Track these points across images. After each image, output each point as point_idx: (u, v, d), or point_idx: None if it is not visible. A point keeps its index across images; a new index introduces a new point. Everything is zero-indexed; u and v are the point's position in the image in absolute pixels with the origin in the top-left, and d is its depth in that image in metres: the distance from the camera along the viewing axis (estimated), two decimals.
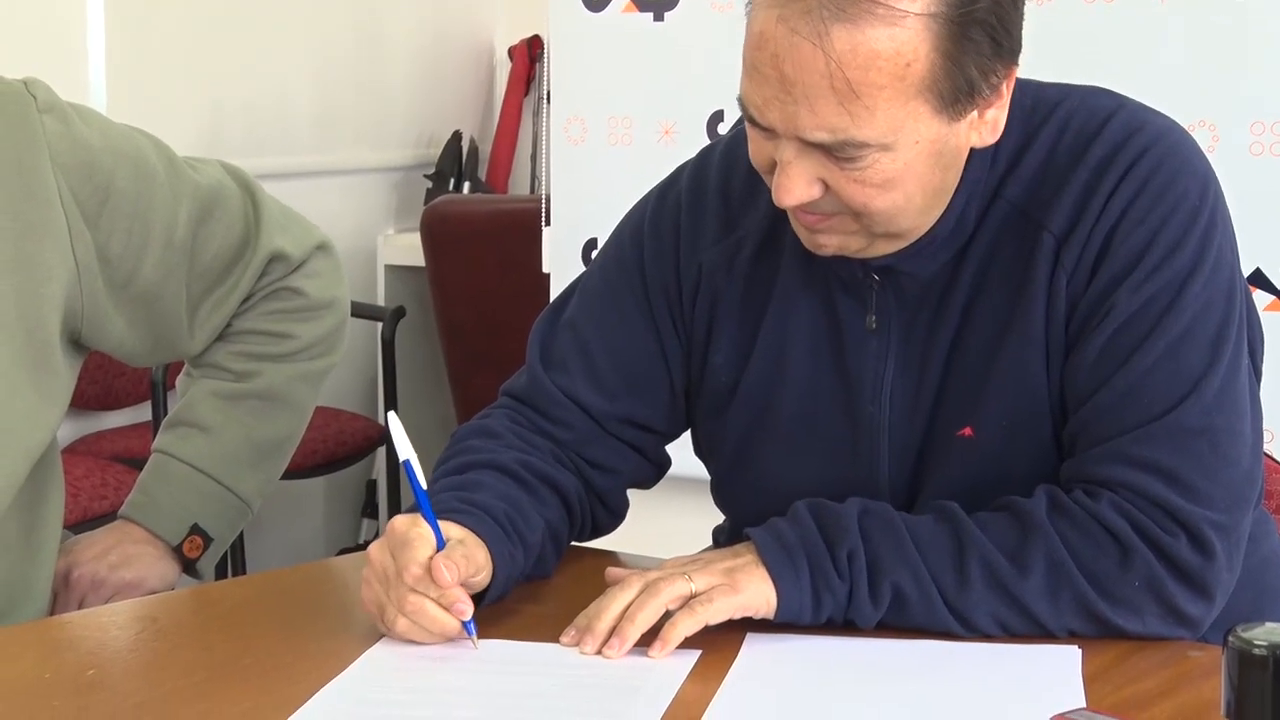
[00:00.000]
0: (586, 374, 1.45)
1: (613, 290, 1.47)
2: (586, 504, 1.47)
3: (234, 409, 1.66)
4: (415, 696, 1.15)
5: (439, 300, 3.73)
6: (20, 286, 1.45)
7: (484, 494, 1.36)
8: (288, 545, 3.92)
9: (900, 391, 1.36)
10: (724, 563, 1.27)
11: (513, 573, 1.34)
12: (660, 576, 1.26)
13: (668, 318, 1.45)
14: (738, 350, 1.42)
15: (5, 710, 1.14)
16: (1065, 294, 1.30)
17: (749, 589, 1.25)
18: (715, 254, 1.43)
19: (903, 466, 1.37)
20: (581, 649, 1.24)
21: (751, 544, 1.28)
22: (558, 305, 1.51)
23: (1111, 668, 1.21)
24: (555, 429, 1.46)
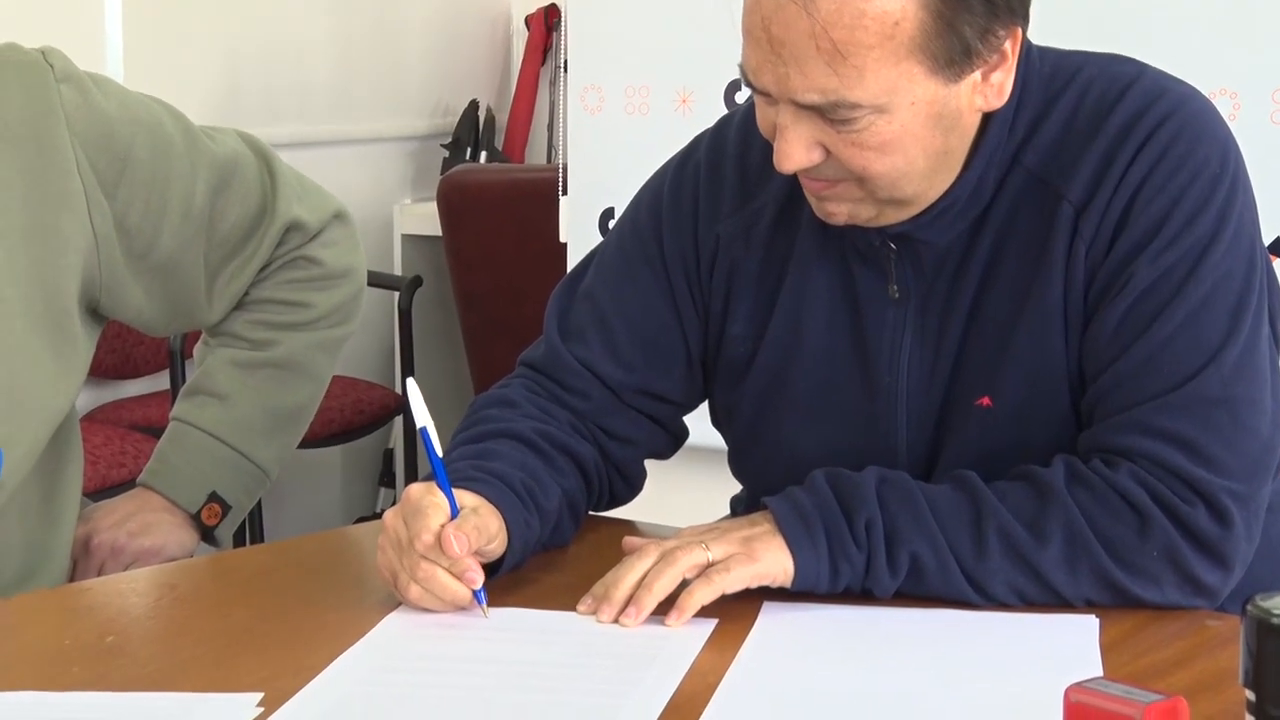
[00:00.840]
0: (604, 345, 1.45)
1: (630, 261, 1.47)
2: (604, 473, 1.47)
3: (251, 377, 1.66)
4: (431, 664, 1.16)
5: (456, 270, 3.73)
6: (39, 256, 1.46)
7: (501, 463, 1.36)
8: (305, 514, 3.93)
9: (918, 361, 1.36)
10: (741, 532, 1.27)
11: (529, 541, 1.34)
12: (677, 545, 1.26)
13: (685, 288, 1.45)
14: (755, 321, 1.42)
15: (25, 675, 1.15)
16: (1084, 263, 1.30)
17: (766, 558, 1.25)
18: (733, 224, 1.43)
19: (920, 436, 1.37)
20: (598, 617, 1.24)
21: (769, 513, 1.28)
22: (575, 275, 1.51)
23: (1129, 637, 1.21)
24: (572, 399, 1.46)
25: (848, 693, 1.11)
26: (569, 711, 1.07)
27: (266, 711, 1.07)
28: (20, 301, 1.45)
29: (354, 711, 1.07)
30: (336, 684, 1.12)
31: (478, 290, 3.69)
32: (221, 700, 1.09)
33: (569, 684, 1.11)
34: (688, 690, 1.11)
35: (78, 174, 1.46)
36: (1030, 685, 1.10)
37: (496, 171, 3.95)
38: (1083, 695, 0.95)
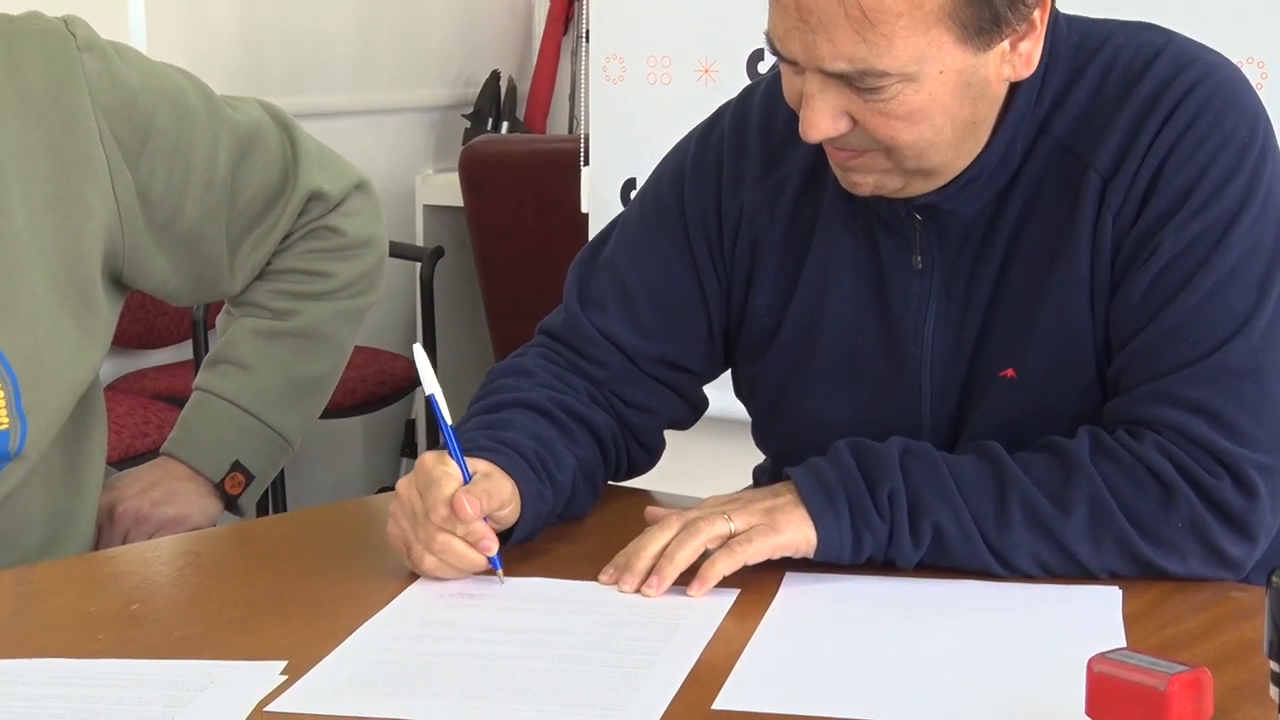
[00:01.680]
0: (624, 314, 1.45)
1: (652, 231, 1.46)
2: (621, 443, 1.46)
3: (273, 347, 1.67)
4: (454, 633, 1.16)
5: (477, 240, 3.72)
6: (62, 225, 1.46)
7: (513, 432, 1.36)
8: (327, 484, 3.94)
9: (942, 332, 1.35)
10: (764, 502, 1.27)
11: (541, 510, 1.34)
12: (700, 516, 1.26)
13: (708, 258, 1.44)
14: (779, 292, 1.42)
15: (51, 642, 1.15)
16: (1111, 233, 1.29)
17: (789, 529, 1.25)
18: (757, 194, 1.42)
19: (944, 407, 1.36)
20: (620, 587, 1.24)
21: (791, 484, 1.28)
22: (596, 244, 1.51)
23: (1152, 608, 1.21)
24: (591, 368, 1.45)
25: (870, 662, 1.11)
26: (591, 681, 1.07)
27: (290, 679, 1.08)
28: (44, 270, 1.45)
29: (377, 679, 1.08)
30: (359, 652, 1.12)
31: (499, 260, 3.68)
32: (246, 668, 1.09)
33: (591, 654, 1.12)
34: (710, 660, 1.11)
35: (100, 143, 1.46)
36: (1053, 656, 1.10)
37: (518, 142, 3.94)
38: (1106, 666, 0.94)
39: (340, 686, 1.07)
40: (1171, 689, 0.92)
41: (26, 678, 1.07)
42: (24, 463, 1.47)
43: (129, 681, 1.06)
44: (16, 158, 1.43)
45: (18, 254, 1.43)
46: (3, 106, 1.42)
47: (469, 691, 1.06)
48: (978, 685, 1.06)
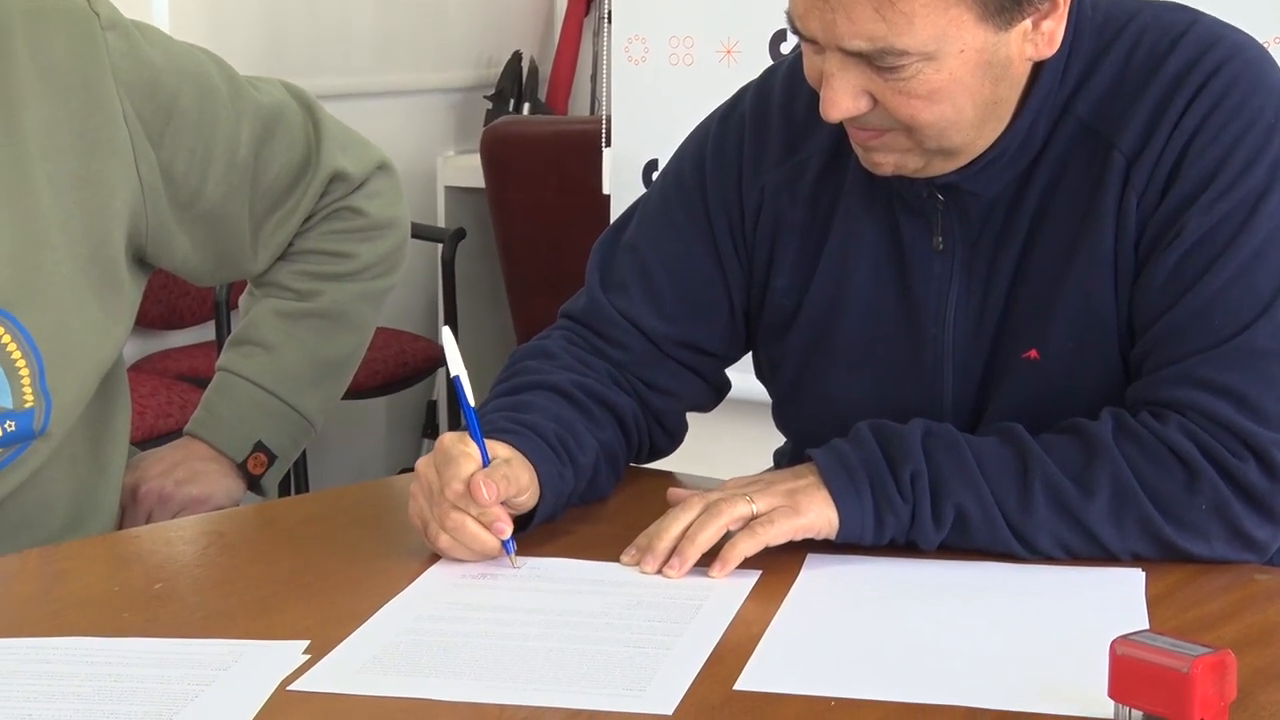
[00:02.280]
0: (646, 296, 1.45)
1: (673, 213, 1.46)
2: (643, 425, 1.46)
3: (296, 328, 1.67)
4: (475, 614, 1.16)
5: (499, 221, 3.72)
6: (86, 203, 1.46)
7: (535, 414, 1.36)
8: (349, 465, 3.96)
9: (964, 313, 1.35)
10: (786, 484, 1.27)
11: (563, 491, 1.34)
12: (722, 498, 1.26)
13: (729, 240, 1.44)
14: (800, 273, 1.41)
15: (75, 620, 1.16)
16: (1135, 214, 1.29)
17: (811, 511, 1.25)
18: (778, 175, 1.42)
19: (966, 388, 1.36)
20: (642, 568, 1.24)
21: (813, 465, 1.28)
22: (618, 227, 1.51)
23: (1176, 590, 1.20)
24: (613, 350, 1.45)
25: (892, 644, 1.11)
26: (613, 661, 1.07)
27: (313, 658, 1.08)
28: (68, 248, 1.46)
29: (398, 660, 1.08)
30: (381, 632, 1.13)
31: (521, 242, 3.68)
32: (268, 647, 1.10)
33: (612, 634, 1.12)
34: (731, 641, 1.11)
35: (124, 122, 1.47)
36: (1076, 638, 1.10)
37: (540, 123, 3.94)
38: (1129, 648, 0.94)
39: (362, 666, 1.07)
40: (1195, 671, 0.91)
41: (51, 656, 1.07)
42: (49, 442, 1.47)
43: (152, 660, 1.07)
44: (41, 137, 1.44)
45: (43, 232, 1.44)
46: (27, 85, 1.43)
47: (490, 672, 1.06)
48: (1000, 667, 1.06)
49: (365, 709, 1.01)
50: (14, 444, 1.45)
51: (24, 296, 1.43)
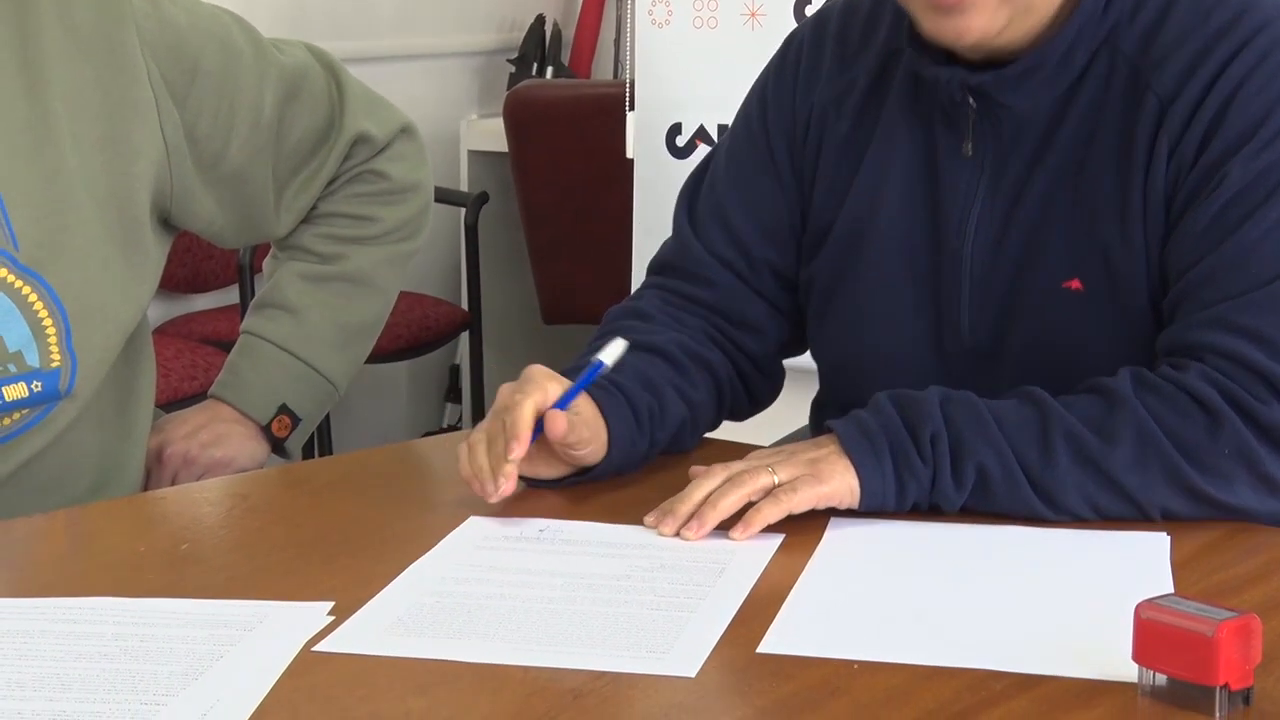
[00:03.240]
0: (724, 230, 1.50)
1: (741, 147, 1.52)
2: (736, 382, 1.50)
3: (320, 291, 1.67)
4: (499, 575, 1.17)
5: (522, 186, 3.72)
6: (111, 164, 1.47)
7: (630, 378, 1.37)
8: (372, 429, 3.97)
9: (985, 226, 1.37)
10: (807, 454, 1.28)
11: (631, 458, 1.36)
12: (745, 469, 1.26)
13: (787, 160, 1.49)
14: (838, 185, 1.45)
15: (102, 581, 1.17)
16: (1166, 159, 1.30)
17: (833, 479, 1.25)
18: (828, 91, 1.47)
19: (985, 302, 1.38)
20: (660, 530, 1.24)
21: (833, 435, 1.28)
22: (699, 170, 1.56)
23: (1201, 555, 1.20)
24: (702, 290, 1.49)
25: (915, 607, 1.11)
26: (636, 623, 1.07)
27: (337, 620, 1.09)
28: (94, 208, 1.46)
29: (421, 621, 1.09)
30: (405, 594, 1.13)
31: (544, 206, 3.68)
32: (293, 608, 1.10)
33: (636, 596, 1.12)
34: (755, 604, 1.11)
35: (148, 83, 1.47)
36: (1101, 602, 1.10)
37: (563, 87, 3.92)
38: (1154, 612, 0.94)
39: (386, 628, 1.08)
40: (1220, 635, 0.91)
41: (78, 616, 1.08)
42: (74, 402, 1.48)
43: (178, 621, 1.07)
44: (67, 97, 1.44)
45: (69, 192, 1.44)
46: (53, 46, 1.43)
47: (513, 633, 1.06)
48: (1025, 630, 1.06)
49: (389, 670, 1.01)
50: (40, 404, 1.46)
51: (51, 256, 1.43)
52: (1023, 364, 1.36)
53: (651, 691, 0.98)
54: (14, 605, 1.11)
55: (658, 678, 1.00)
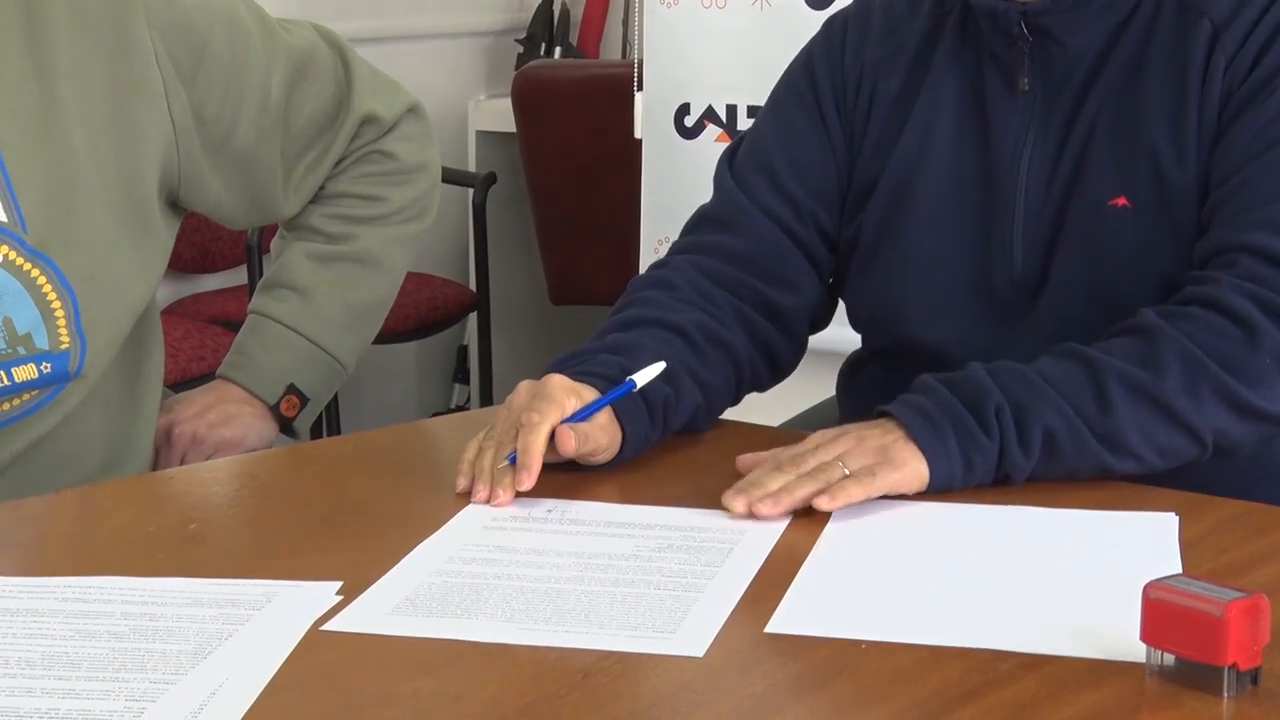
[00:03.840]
0: (769, 180, 1.51)
1: (786, 109, 1.54)
2: (757, 360, 1.50)
3: (328, 271, 1.67)
4: (506, 555, 1.17)
5: (530, 166, 3.72)
6: (119, 145, 1.47)
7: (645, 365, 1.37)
8: (380, 410, 3.97)
9: (1038, 159, 1.40)
10: (874, 441, 1.26)
11: (642, 448, 1.36)
12: (817, 467, 1.24)
13: (836, 119, 1.51)
14: (887, 136, 1.48)
15: (111, 560, 1.17)
16: (1221, 80, 1.34)
17: (905, 466, 1.25)
18: (878, 51, 1.50)
19: (1037, 234, 1.40)
20: (733, 506, 1.22)
21: (894, 421, 1.28)
22: (739, 139, 1.58)
23: (1210, 535, 1.20)
24: (740, 241, 1.50)
25: (924, 587, 1.11)
26: (643, 604, 1.07)
27: (345, 599, 1.09)
28: (102, 189, 1.46)
29: (429, 602, 1.09)
30: (412, 575, 1.13)
31: (552, 186, 3.68)
32: (302, 587, 1.10)
33: (643, 576, 1.12)
34: (763, 584, 1.11)
35: (156, 64, 1.47)
36: (1109, 582, 1.10)
37: (571, 67, 3.92)
38: (1162, 592, 0.94)
39: (394, 608, 1.08)
40: (1228, 615, 0.91)
41: (87, 595, 1.08)
42: (84, 383, 1.48)
43: (187, 600, 1.07)
44: (74, 79, 1.44)
45: (77, 174, 1.44)
46: (60, 27, 1.43)
47: (520, 614, 1.06)
48: (1032, 610, 1.06)
49: (397, 650, 1.02)
50: (50, 385, 1.46)
51: (59, 238, 1.43)
52: (1068, 291, 1.39)
53: (660, 671, 0.99)
54: (23, 584, 1.11)
55: (666, 658, 1.00)
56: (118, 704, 0.92)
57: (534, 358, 4.18)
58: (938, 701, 0.93)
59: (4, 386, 1.43)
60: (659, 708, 0.94)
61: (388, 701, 0.94)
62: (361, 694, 0.95)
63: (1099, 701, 0.93)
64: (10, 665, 0.97)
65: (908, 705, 0.93)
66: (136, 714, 0.90)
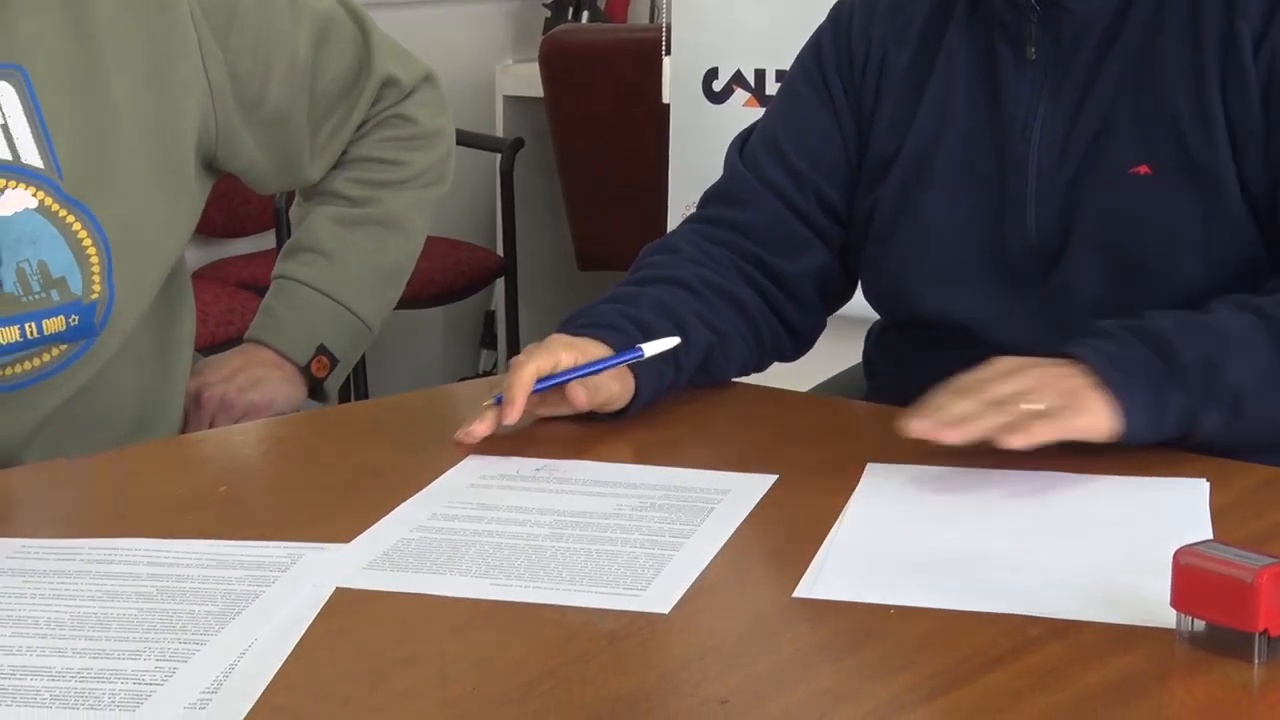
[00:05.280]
0: (775, 157, 1.52)
1: (796, 89, 1.56)
2: (773, 319, 1.50)
3: (353, 234, 1.67)
4: (488, 513, 1.17)
5: (557, 131, 3.71)
6: (156, 101, 1.48)
7: (645, 310, 1.39)
8: (408, 375, 3.98)
9: (1050, 128, 1.39)
10: (1062, 382, 1.23)
11: (659, 389, 1.37)
12: (1002, 399, 1.22)
13: (843, 95, 1.52)
14: (901, 114, 1.48)
15: (144, 523, 1.17)
16: (1249, 36, 1.33)
17: (1095, 414, 1.22)
18: (886, 26, 1.50)
19: (1050, 202, 1.39)
20: (910, 426, 1.20)
21: (1083, 365, 1.25)
22: (754, 123, 1.59)
23: (1240, 501, 1.19)
24: (742, 213, 1.51)
25: (952, 552, 1.11)
26: (618, 560, 1.07)
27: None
28: (140, 141, 1.47)
29: (405, 557, 1.09)
30: (393, 530, 1.14)
31: (579, 151, 3.67)
32: (326, 550, 1.11)
33: (622, 534, 1.12)
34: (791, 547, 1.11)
35: (190, 23, 1.48)
36: (1138, 547, 1.09)
37: (599, 31, 3.90)
38: (1193, 559, 0.94)
39: (369, 563, 1.08)
40: (1259, 581, 0.91)
41: (114, 557, 1.09)
42: (112, 339, 1.49)
43: (213, 562, 1.08)
44: (112, 33, 1.46)
45: (115, 126, 1.46)
46: None
47: (494, 570, 1.07)
48: (1061, 576, 1.06)
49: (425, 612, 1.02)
50: (77, 340, 1.47)
51: (95, 188, 1.45)
52: (1088, 258, 1.38)
53: (688, 635, 0.99)
54: (51, 545, 1.12)
55: (694, 622, 1.00)
56: (148, 664, 0.92)
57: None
58: (966, 666, 0.93)
59: (33, 339, 1.45)
60: (687, 671, 0.94)
61: (415, 663, 0.94)
62: (389, 655, 0.96)
63: (1128, 667, 0.93)
64: (40, 625, 0.98)
65: (936, 670, 0.93)
66: (168, 674, 0.91)
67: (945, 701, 0.89)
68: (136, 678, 0.90)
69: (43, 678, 0.91)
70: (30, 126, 1.43)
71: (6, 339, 1.44)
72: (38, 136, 1.43)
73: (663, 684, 0.93)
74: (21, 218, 1.42)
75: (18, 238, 1.43)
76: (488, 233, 4.09)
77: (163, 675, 0.91)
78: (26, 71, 1.43)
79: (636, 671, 0.94)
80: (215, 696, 0.88)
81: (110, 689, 0.89)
